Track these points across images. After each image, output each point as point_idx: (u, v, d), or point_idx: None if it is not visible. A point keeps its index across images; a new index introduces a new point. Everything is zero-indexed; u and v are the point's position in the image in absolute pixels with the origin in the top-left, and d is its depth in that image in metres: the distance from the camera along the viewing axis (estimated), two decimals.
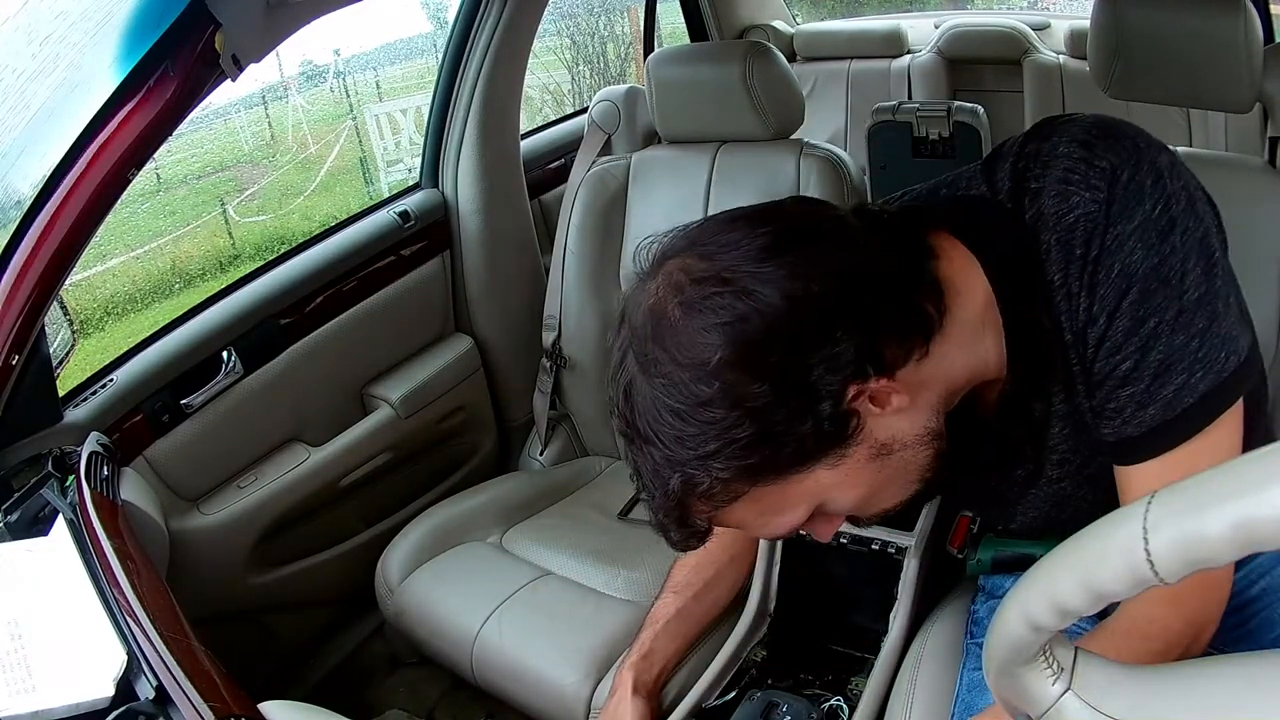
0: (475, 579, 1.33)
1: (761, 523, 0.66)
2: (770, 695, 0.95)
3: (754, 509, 0.63)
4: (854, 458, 0.62)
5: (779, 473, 0.60)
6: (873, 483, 0.65)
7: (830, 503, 0.65)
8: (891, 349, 0.60)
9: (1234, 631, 0.86)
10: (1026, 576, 0.49)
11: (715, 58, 1.51)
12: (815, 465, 0.61)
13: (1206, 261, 0.62)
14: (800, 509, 0.64)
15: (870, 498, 0.66)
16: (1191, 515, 0.38)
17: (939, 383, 0.64)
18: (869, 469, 0.63)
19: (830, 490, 0.63)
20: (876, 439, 0.62)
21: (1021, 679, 0.51)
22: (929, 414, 0.65)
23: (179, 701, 0.69)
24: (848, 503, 0.66)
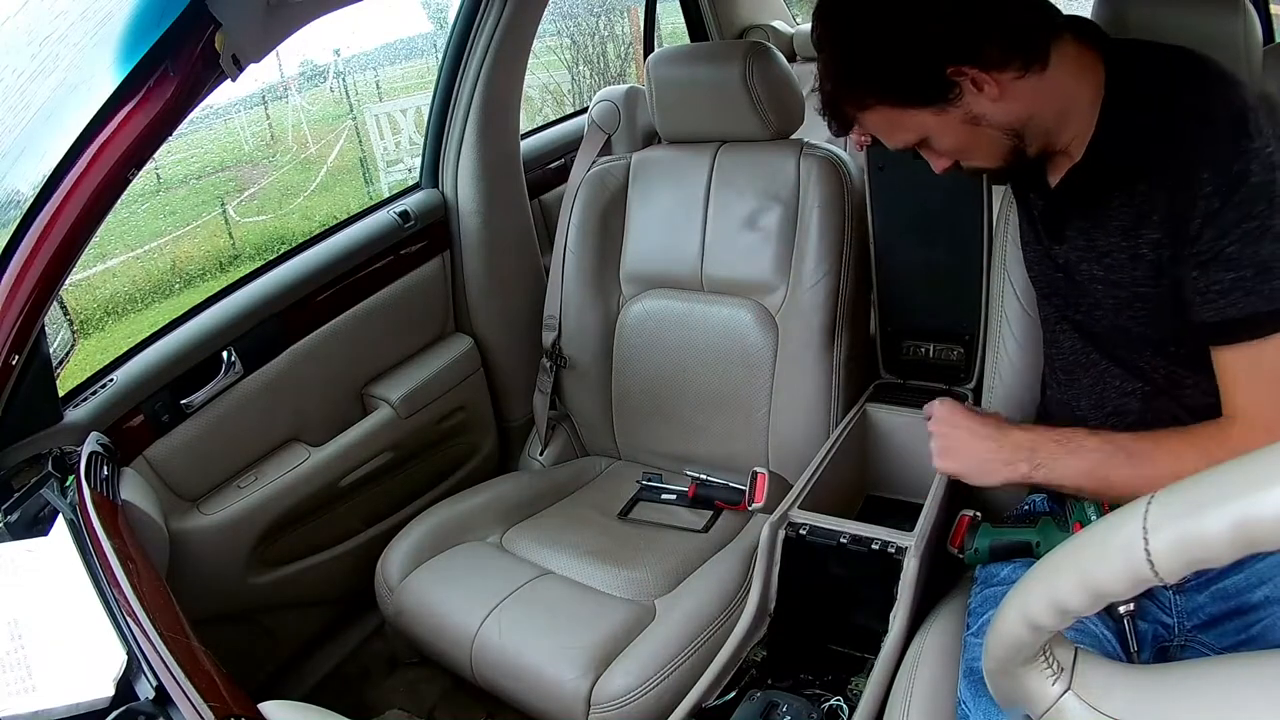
0: (475, 578, 1.33)
1: (885, 134, 0.89)
2: (770, 695, 0.95)
3: (879, 119, 0.87)
4: (951, 116, 0.83)
5: (896, 102, 0.84)
6: (964, 142, 0.86)
7: (933, 140, 0.87)
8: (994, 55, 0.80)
9: (1237, 636, 0.87)
10: (1026, 577, 0.49)
11: (715, 58, 1.51)
12: (923, 109, 0.83)
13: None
14: (910, 135, 0.87)
15: (962, 151, 0.88)
16: (1191, 515, 0.39)
17: (1028, 104, 0.83)
18: (962, 129, 0.84)
19: (932, 130, 0.86)
20: (970, 110, 0.83)
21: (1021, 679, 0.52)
22: (1015, 118, 0.83)
23: (179, 701, 0.69)
24: (944, 147, 0.88)
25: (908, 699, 0.94)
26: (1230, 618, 0.88)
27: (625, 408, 1.64)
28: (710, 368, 1.52)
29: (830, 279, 1.40)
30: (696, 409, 1.55)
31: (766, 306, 1.47)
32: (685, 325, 1.54)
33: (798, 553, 1.10)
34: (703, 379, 1.53)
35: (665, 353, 1.57)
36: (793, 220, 1.44)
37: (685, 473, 1.51)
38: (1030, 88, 0.82)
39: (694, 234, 1.54)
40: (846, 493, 1.31)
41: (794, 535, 1.10)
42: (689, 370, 1.54)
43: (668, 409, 1.58)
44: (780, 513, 1.12)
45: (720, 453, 1.53)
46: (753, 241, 1.47)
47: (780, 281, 1.45)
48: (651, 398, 1.59)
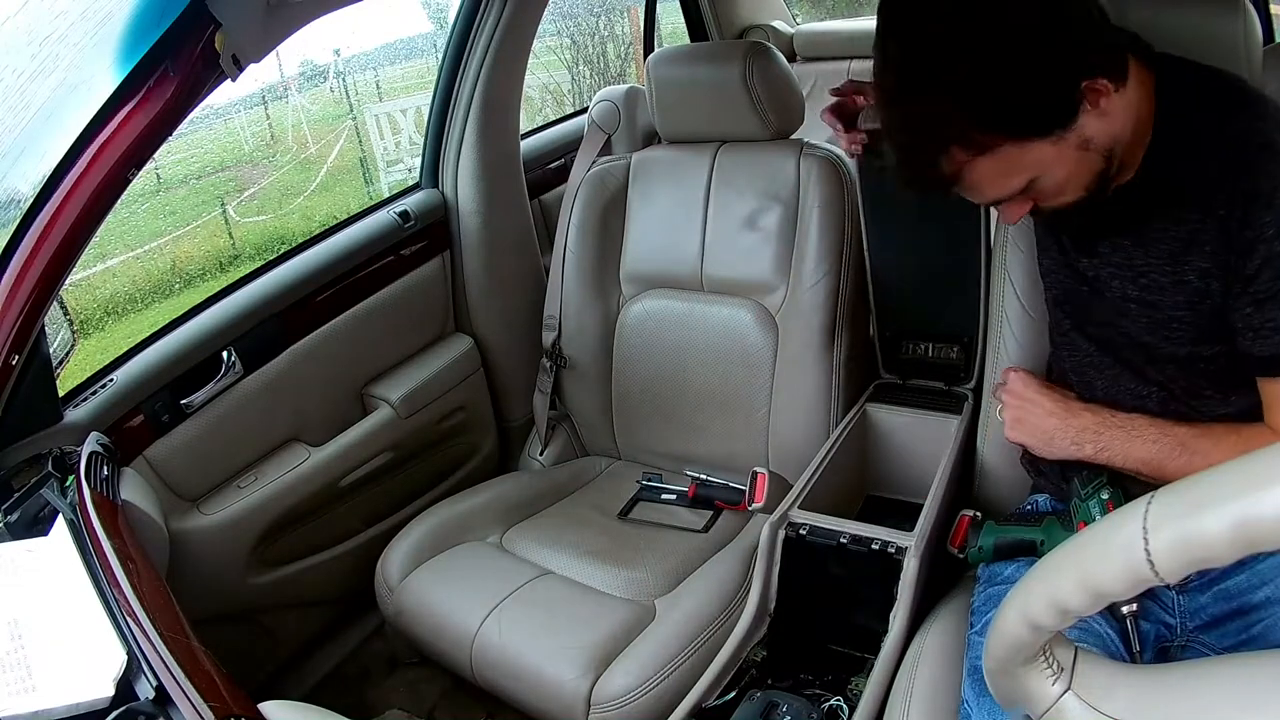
0: (475, 578, 1.33)
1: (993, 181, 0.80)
2: (770, 695, 0.95)
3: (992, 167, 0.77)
4: (1068, 142, 0.77)
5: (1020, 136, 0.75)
6: (1071, 170, 0.79)
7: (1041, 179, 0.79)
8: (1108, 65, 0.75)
9: (1238, 636, 0.87)
10: (1027, 576, 0.49)
11: (715, 58, 1.51)
12: (1044, 139, 0.76)
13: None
14: (1023, 176, 0.79)
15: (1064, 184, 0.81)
16: (1191, 515, 0.38)
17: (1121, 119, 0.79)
18: (1073, 156, 0.78)
19: (1049, 165, 0.78)
20: (1084, 133, 0.77)
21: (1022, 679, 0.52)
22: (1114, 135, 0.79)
23: (179, 701, 0.69)
24: (1054, 181, 0.80)
25: (908, 699, 0.94)
26: (1232, 618, 0.88)
27: (625, 408, 1.64)
28: (710, 368, 1.52)
29: (830, 279, 1.40)
30: (696, 409, 1.55)
31: (766, 306, 1.47)
32: (685, 325, 1.54)
33: (798, 553, 1.10)
34: (703, 379, 1.53)
35: (665, 353, 1.57)
36: (793, 220, 1.44)
37: (685, 473, 1.51)
38: (1121, 103, 0.78)
39: (694, 234, 1.53)
40: (846, 493, 1.31)
41: (794, 535, 1.10)
42: (689, 370, 1.54)
43: (668, 409, 1.58)
44: (780, 513, 1.12)
45: (720, 453, 1.53)
46: (753, 241, 1.47)
47: (780, 281, 1.45)
48: (651, 398, 1.59)
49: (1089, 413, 0.95)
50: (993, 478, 1.22)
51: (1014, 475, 1.16)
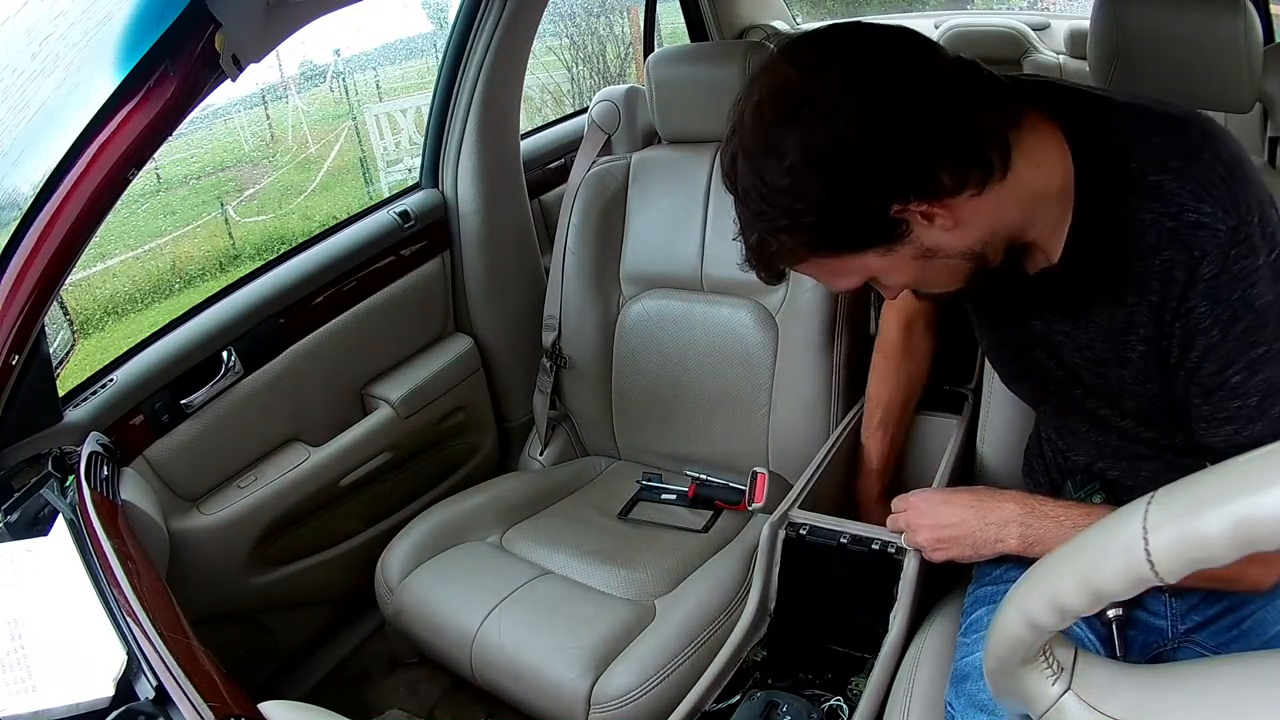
0: (475, 578, 1.33)
1: (825, 280, 0.82)
2: (770, 695, 0.95)
3: (816, 270, 0.78)
4: (901, 253, 0.73)
5: (834, 251, 0.74)
6: (917, 276, 0.78)
7: (881, 279, 0.78)
8: (945, 180, 0.69)
9: (1228, 633, 0.87)
10: (1026, 576, 0.49)
11: (715, 58, 1.51)
12: (867, 251, 0.73)
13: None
14: (854, 278, 0.78)
15: (915, 285, 0.81)
16: (1191, 515, 0.38)
17: (988, 220, 0.74)
18: (914, 264, 0.75)
19: (880, 271, 0.77)
20: (923, 244, 0.73)
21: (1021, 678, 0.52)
22: (974, 239, 0.74)
23: (179, 701, 0.69)
24: (895, 284, 0.80)
25: (908, 699, 0.94)
26: (1223, 616, 0.88)
27: (625, 408, 1.64)
28: (710, 368, 1.52)
29: None
30: (696, 409, 1.55)
31: (766, 306, 1.47)
32: (685, 325, 1.54)
33: (798, 553, 1.10)
34: (703, 379, 1.53)
35: (665, 353, 1.57)
36: None
37: (685, 473, 1.51)
38: (992, 202, 0.71)
39: (694, 234, 1.53)
40: (846, 493, 1.31)
41: (794, 535, 1.10)
42: (689, 370, 1.54)
43: (668, 409, 1.58)
44: (780, 513, 1.12)
45: (720, 453, 1.53)
46: None
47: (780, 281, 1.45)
48: (651, 398, 1.59)
49: (1011, 503, 0.89)
50: (993, 477, 1.22)
51: (1014, 475, 1.16)
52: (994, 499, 0.91)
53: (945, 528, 0.93)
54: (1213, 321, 0.72)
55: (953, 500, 0.94)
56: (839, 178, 0.68)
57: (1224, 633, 0.87)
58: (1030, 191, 0.74)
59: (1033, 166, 0.73)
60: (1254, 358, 0.72)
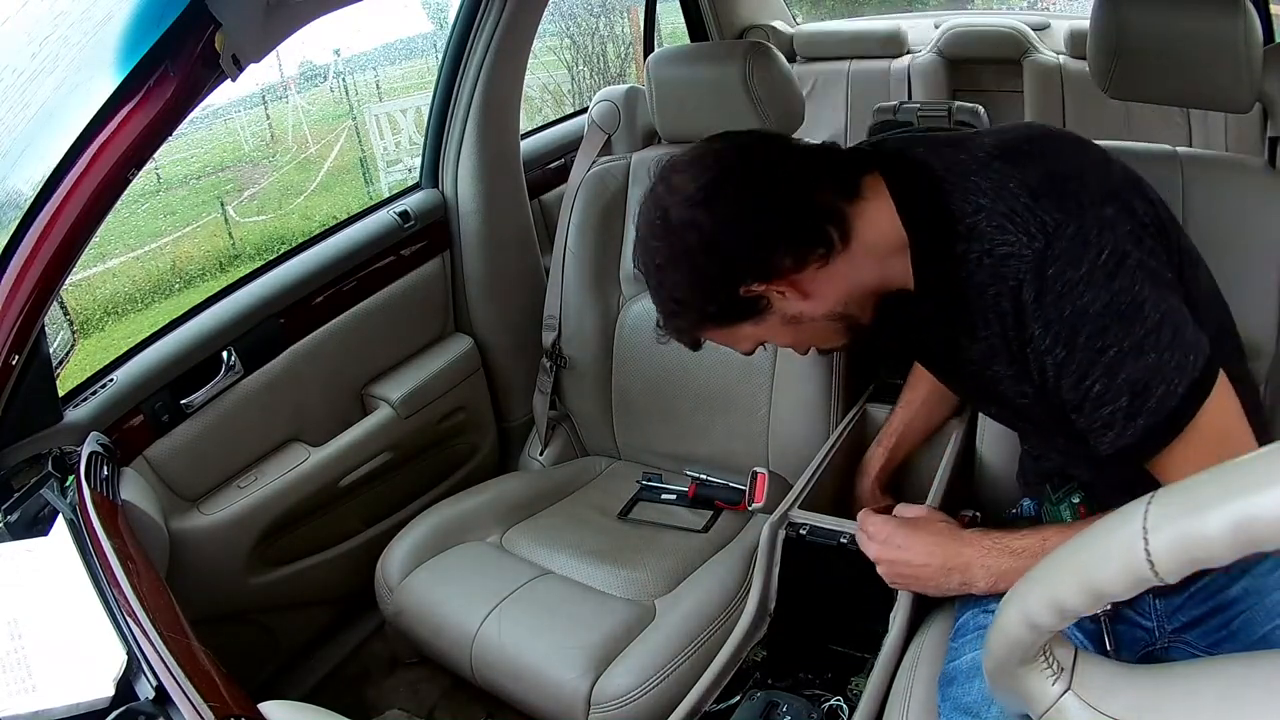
0: (475, 578, 1.33)
1: (729, 345, 0.92)
2: (770, 695, 0.95)
3: (715, 337, 0.90)
4: (770, 323, 0.86)
5: (717, 325, 0.87)
6: (795, 338, 0.90)
7: (770, 340, 0.90)
8: (787, 262, 0.81)
9: (1218, 632, 0.87)
10: (1026, 576, 0.49)
11: (715, 58, 1.51)
12: (742, 324, 0.86)
13: (1157, 282, 0.73)
14: (747, 344, 0.90)
15: (800, 343, 0.92)
16: (1191, 515, 0.38)
17: (842, 286, 0.84)
18: (787, 330, 0.87)
19: (763, 336, 0.89)
20: (786, 313, 0.85)
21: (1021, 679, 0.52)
22: (831, 304, 0.85)
23: (179, 701, 0.69)
24: (783, 343, 0.91)
25: (907, 699, 0.94)
26: (1211, 615, 0.88)
27: (625, 408, 1.64)
28: (710, 368, 1.52)
29: None
30: (696, 409, 1.55)
31: None
32: None
33: (798, 553, 1.10)
34: (702, 379, 1.53)
35: (665, 353, 1.56)
36: None
37: (685, 473, 1.51)
38: (839, 270, 0.82)
39: None
40: (846, 493, 1.31)
41: (794, 535, 1.10)
42: (689, 370, 1.54)
43: (668, 409, 1.58)
44: (780, 513, 1.12)
45: (720, 453, 1.53)
46: None
47: None
48: (651, 398, 1.59)
49: (968, 548, 0.90)
50: (992, 478, 1.22)
51: (1013, 475, 1.16)
52: (955, 544, 0.91)
53: (907, 566, 0.94)
54: (1053, 340, 0.74)
55: (915, 541, 0.94)
56: (693, 273, 0.83)
57: (1214, 632, 0.87)
58: (875, 250, 0.83)
59: (872, 229, 0.82)
60: (1108, 361, 0.73)
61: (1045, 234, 0.73)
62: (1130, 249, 0.72)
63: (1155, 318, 0.72)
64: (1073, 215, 0.73)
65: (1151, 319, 0.72)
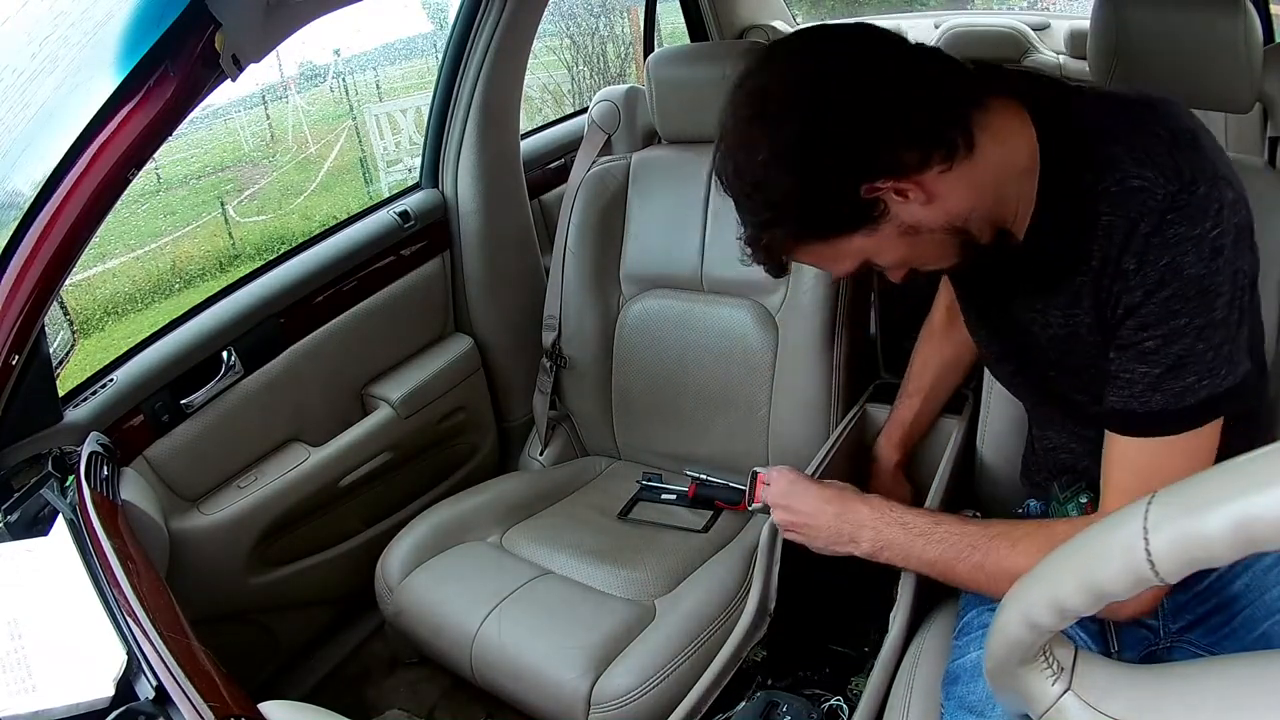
0: (475, 578, 1.33)
1: (823, 266, 0.84)
2: (770, 695, 0.95)
3: (811, 257, 0.81)
4: (885, 232, 0.76)
5: (821, 236, 0.77)
6: (907, 253, 0.80)
7: (875, 259, 0.80)
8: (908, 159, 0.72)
9: (1219, 630, 0.87)
10: (1027, 576, 0.49)
11: (715, 58, 1.51)
12: (853, 234, 0.76)
13: (1235, 292, 0.73)
14: (849, 262, 0.80)
15: (907, 262, 0.82)
16: (1192, 515, 0.38)
17: (963, 196, 0.76)
18: (901, 242, 0.78)
19: (870, 252, 0.79)
20: (903, 221, 0.76)
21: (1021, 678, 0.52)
22: (953, 214, 0.76)
23: (179, 701, 0.69)
24: (889, 263, 0.81)
25: (907, 699, 0.94)
26: (1214, 614, 0.88)
27: (625, 408, 1.64)
28: (710, 368, 1.52)
29: (830, 279, 1.40)
30: (696, 409, 1.55)
31: (766, 306, 1.47)
32: (685, 325, 1.54)
33: (798, 553, 1.10)
34: (703, 379, 1.53)
35: (665, 353, 1.57)
36: None
37: (685, 473, 1.51)
38: (962, 178, 0.75)
39: (694, 234, 1.53)
40: None
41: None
42: (689, 370, 1.54)
43: (668, 409, 1.58)
44: None
45: (720, 453, 1.53)
46: None
47: (780, 282, 1.45)
48: (651, 398, 1.59)
49: (866, 506, 0.93)
50: (993, 477, 1.22)
51: (1014, 475, 1.16)
52: (854, 501, 0.95)
53: (800, 514, 0.98)
54: (1139, 281, 0.73)
55: (812, 494, 0.98)
56: (807, 167, 0.73)
57: (1215, 631, 0.87)
58: (998, 168, 0.77)
59: (998, 144, 0.77)
60: (1173, 328, 0.72)
61: (1180, 181, 0.71)
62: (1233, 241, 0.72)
63: (1221, 317, 0.72)
64: (1205, 177, 0.71)
65: (1219, 315, 0.72)
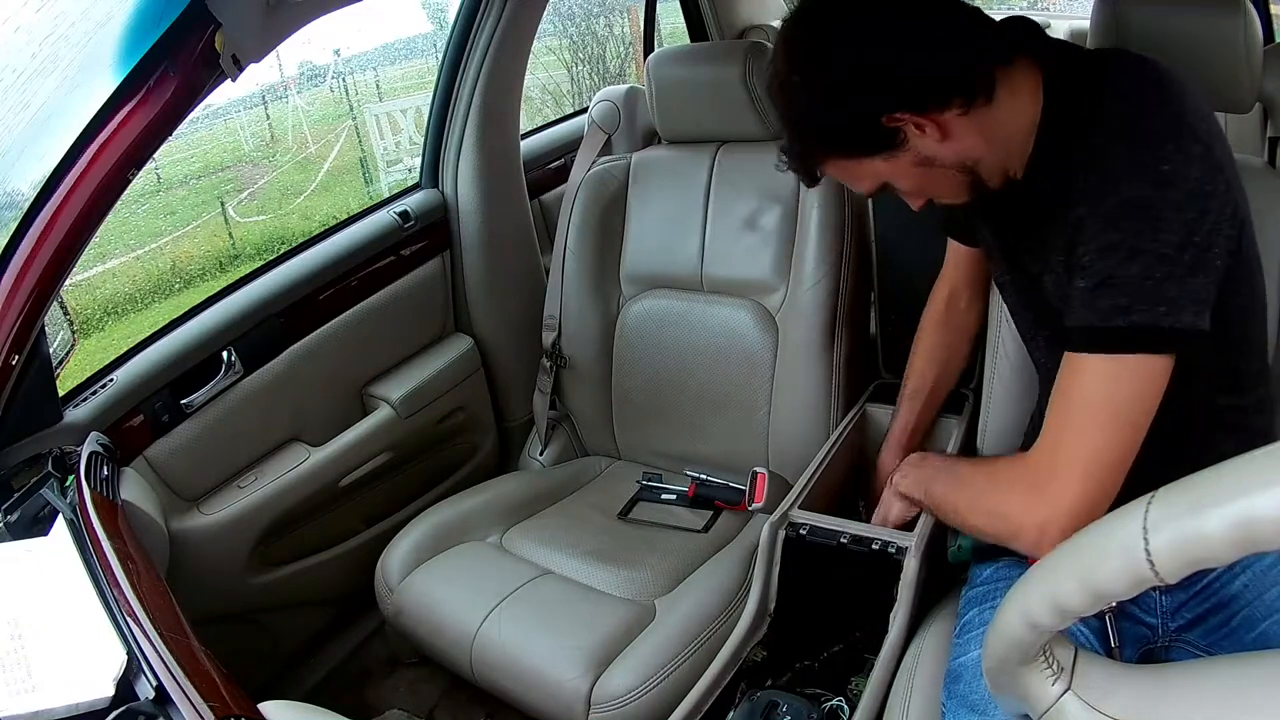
0: (475, 578, 1.33)
1: (846, 181, 0.91)
2: (770, 695, 0.95)
3: (837, 170, 0.89)
4: (902, 160, 0.83)
5: (846, 155, 0.86)
6: (921, 183, 0.87)
7: (892, 183, 0.88)
8: (930, 98, 0.79)
9: (1218, 630, 0.87)
10: (1026, 576, 0.49)
11: (715, 58, 1.51)
12: (874, 157, 0.84)
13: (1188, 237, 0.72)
14: (869, 182, 0.88)
15: (923, 190, 0.89)
16: (1191, 515, 0.38)
17: (976, 139, 0.82)
18: (916, 171, 0.85)
19: (888, 175, 0.86)
20: (920, 152, 0.82)
21: (1021, 678, 0.52)
22: (965, 153, 0.83)
23: (179, 701, 0.69)
24: (905, 189, 0.89)
25: (907, 699, 0.94)
26: (1213, 613, 0.88)
27: (625, 408, 1.64)
28: (710, 368, 1.52)
29: (830, 279, 1.40)
30: (696, 409, 1.55)
31: (766, 306, 1.47)
32: (685, 325, 1.54)
33: (798, 553, 1.10)
34: (703, 379, 1.53)
35: (665, 353, 1.57)
36: (792, 220, 1.44)
37: (685, 473, 1.51)
38: (976, 123, 0.81)
39: (694, 234, 1.54)
40: (847, 492, 1.31)
41: (794, 535, 1.10)
42: (689, 370, 1.54)
43: (668, 409, 1.58)
44: (780, 513, 1.12)
45: (720, 452, 1.53)
46: (752, 241, 1.47)
47: (780, 281, 1.45)
48: (651, 398, 1.59)
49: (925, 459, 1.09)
50: None
51: None
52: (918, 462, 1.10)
53: None
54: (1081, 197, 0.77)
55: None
56: (838, 92, 0.81)
57: (1214, 631, 0.87)
58: (1010, 122, 0.83)
59: (1013, 99, 0.83)
60: (1108, 241, 0.74)
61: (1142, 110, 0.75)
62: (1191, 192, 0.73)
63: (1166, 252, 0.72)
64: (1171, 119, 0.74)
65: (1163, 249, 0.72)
